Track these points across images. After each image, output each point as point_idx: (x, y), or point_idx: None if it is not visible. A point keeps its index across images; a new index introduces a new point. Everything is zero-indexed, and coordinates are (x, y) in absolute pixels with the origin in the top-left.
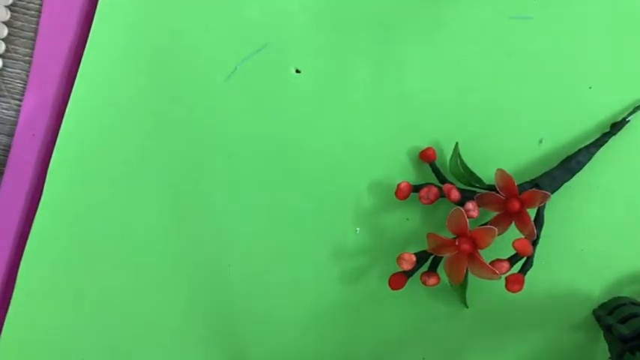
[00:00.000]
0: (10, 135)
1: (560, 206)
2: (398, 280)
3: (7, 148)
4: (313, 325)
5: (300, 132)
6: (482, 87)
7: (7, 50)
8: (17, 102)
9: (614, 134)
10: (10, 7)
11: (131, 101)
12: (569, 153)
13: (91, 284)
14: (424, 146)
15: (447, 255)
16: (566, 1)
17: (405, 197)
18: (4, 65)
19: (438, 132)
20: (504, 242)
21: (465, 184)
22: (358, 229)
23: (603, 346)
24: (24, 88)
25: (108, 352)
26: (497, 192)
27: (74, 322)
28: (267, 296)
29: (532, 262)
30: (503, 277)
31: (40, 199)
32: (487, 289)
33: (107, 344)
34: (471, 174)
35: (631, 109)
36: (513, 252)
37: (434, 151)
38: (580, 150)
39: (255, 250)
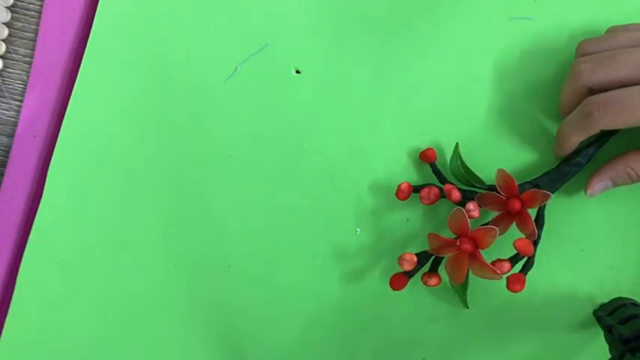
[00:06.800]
0: (11, 136)
1: (561, 206)
2: (399, 281)
3: (8, 149)
4: (314, 326)
5: (300, 132)
6: (482, 87)
7: (7, 51)
8: (18, 103)
9: (614, 134)
10: (10, 8)
11: (131, 102)
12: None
13: (91, 284)
14: (424, 147)
15: (448, 255)
16: (566, 1)
17: (406, 198)
18: (4, 66)
19: (438, 132)
20: (505, 242)
21: (466, 185)
22: (359, 229)
23: (604, 346)
24: (24, 89)
25: (108, 352)
26: (498, 192)
27: (74, 322)
28: (268, 297)
29: (533, 261)
30: (505, 277)
31: (40, 199)
32: (488, 290)
33: (107, 344)
34: (472, 174)
35: None
36: (514, 252)
37: (434, 151)
38: (580, 150)
39: (255, 250)
